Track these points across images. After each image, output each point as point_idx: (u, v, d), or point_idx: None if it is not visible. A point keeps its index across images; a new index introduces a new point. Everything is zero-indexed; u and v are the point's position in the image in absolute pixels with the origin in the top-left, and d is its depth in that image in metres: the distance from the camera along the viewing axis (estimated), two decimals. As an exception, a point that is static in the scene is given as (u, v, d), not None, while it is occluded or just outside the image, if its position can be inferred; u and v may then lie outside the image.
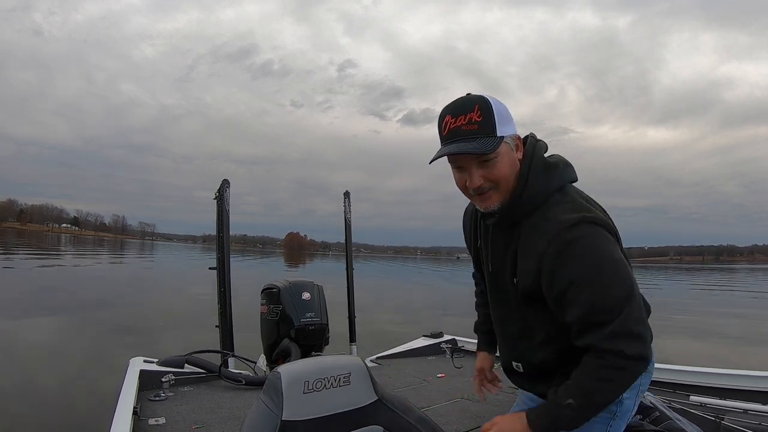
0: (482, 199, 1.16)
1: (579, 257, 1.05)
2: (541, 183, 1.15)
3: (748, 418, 1.89)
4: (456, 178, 1.19)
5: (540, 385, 1.27)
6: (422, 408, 2.49)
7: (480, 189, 1.13)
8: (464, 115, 1.09)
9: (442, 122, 1.13)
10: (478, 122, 1.08)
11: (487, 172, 1.12)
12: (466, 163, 1.12)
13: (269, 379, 1.19)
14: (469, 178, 1.13)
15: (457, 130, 1.09)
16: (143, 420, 2.12)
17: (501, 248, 1.23)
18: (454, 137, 1.10)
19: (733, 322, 12.74)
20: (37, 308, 9.73)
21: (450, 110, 1.12)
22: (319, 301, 3.40)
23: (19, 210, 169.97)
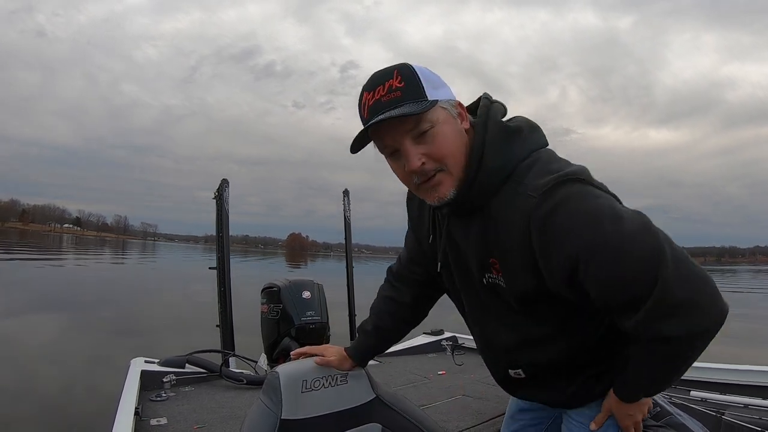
0: (430, 188, 0.90)
1: (572, 223, 0.79)
2: (503, 153, 0.89)
3: (748, 413, 1.88)
4: (393, 169, 0.94)
5: (548, 389, 1.04)
6: (423, 405, 2.50)
7: (423, 172, 0.88)
8: (382, 85, 0.86)
9: (361, 104, 0.90)
10: (400, 88, 0.86)
11: (427, 148, 0.87)
12: (397, 142, 0.87)
13: (268, 378, 1.19)
14: (406, 160, 0.88)
15: (376, 105, 0.86)
16: (145, 420, 2.13)
17: (464, 244, 0.98)
18: (375, 113, 0.86)
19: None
20: (38, 309, 9.75)
21: (366, 87, 0.89)
22: (319, 299, 3.40)
23: (21, 210, 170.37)
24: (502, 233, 0.88)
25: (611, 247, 0.77)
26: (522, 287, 0.90)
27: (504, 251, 0.89)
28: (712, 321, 0.76)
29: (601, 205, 0.80)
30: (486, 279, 0.95)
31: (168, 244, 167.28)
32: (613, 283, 0.78)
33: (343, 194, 4.30)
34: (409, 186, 0.96)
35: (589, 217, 0.79)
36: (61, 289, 13.54)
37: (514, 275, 0.89)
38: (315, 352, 1.24)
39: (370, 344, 1.27)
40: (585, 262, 0.78)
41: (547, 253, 0.82)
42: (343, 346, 1.27)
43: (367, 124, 0.86)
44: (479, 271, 0.96)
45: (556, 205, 0.80)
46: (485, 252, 0.93)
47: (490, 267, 0.93)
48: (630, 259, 0.76)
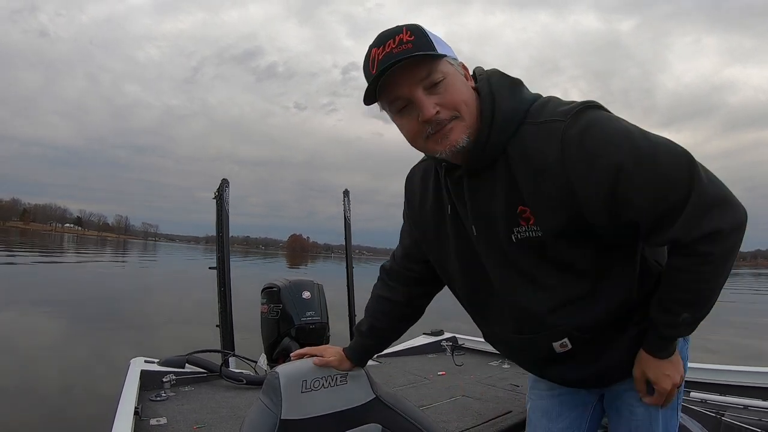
0: (443, 136, 0.87)
1: (607, 143, 0.80)
2: (515, 96, 0.91)
3: (748, 415, 1.88)
4: (401, 125, 0.92)
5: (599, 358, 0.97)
6: (423, 406, 2.50)
7: (438, 120, 0.86)
8: (392, 39, 0.85)
9: (369, 60, 0.87)
10: (411, 41, 0.85)
11: (440, 98, 0.86)
12: (410, 92, 0.86)
13: (268, 378, 1.20)
14: (420, 109, 0.86)
15: (388, 56, 0.84)
16: (144, 420, 2.13)
17: (486, 203, 0.93)
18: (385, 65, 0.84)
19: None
20: (38, 309, 9.76)
21: (374, 44, 0.87)
22: (319, 299, 3.40)
23: (22, 209, 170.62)
24: (529, 171, 0.86)
25: (648, 156, 0.79)
26: (558, 224, 0.86)
27: (534, 191, 0.86)
28: (743, 214, 0.82)
29: (628, 124, 0.84)
30: (515, 235, 0.90)
31: (169, 244, 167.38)
32: (653, 191, 0.79)
33: (344, 195, 4.31)
34: (417, 143, 0.92)
35: (622, 131, 0.81)
36: (61, 288, 13.55)
37: (548, 213, 0.86)
38: (314, 353, 1.24)
39: (367, 345, 1.27)
40: (627, 171, 0.78)
41: (584, 169, 0.81)
42: (342, 347, 1.27)
43: (381, 70, 0.84)
44: (507, 227, 0.91)
45: (587, 124, 0.82)
46: (512, 201, 0.89)
47: (518, 218, 0.89)
48: (667, 166, 0.79)
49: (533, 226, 0.88)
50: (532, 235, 0.88)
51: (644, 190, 0.79)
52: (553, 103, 0.88)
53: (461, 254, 1.03)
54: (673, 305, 0.87)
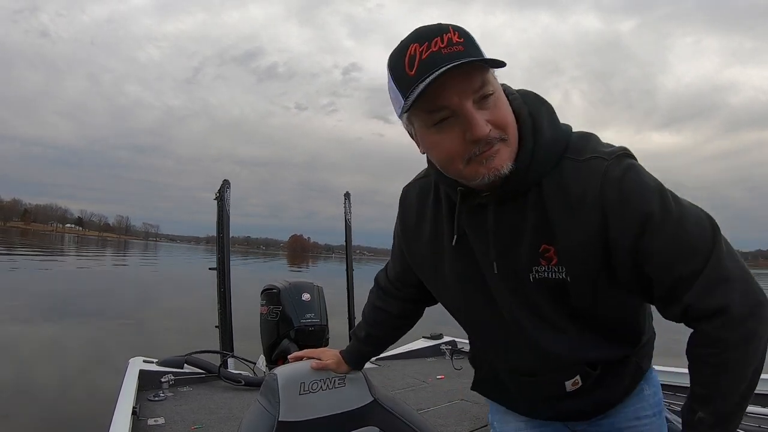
0: (488, 158, 0.76)
1: (643, 191, 0.76)
2: (555, 126, 0.83)
3: (747, 421, 1.88)
4: (437, 142, 0.78)
5: (604, 388, 0.93)
6: (422, 409, 2.50)
7: (489, 140, 0.75)
8: (439, 37, 0.72)
9: (405, 57, 0.74)
10: (461, 43, 0.72)
11: (490, 114, 0.75)
12: (458, 102, 0.73)
13: (266, 380, 1.19)
14: (470, 126, 0.73)
15: (435, 56, 0.71)
16: (142, 420, 2.13)
17: (511, 234, 0.84)
18: (435, 66, 0.71)
19: None
20: (38, 309, 9.76)
21: (412, 39, 0.74)
22: (319, 302, 3.40)
23: (23, 210, 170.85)
24: (565, 206, 0.79)
25: (677, 213, 0.76)
26: (584, 265, 0.80)
27: (566, 228, 0.80)
28: (762, 298, 0.74)
29: (659, 181, 0.79)
30: (534, 274, 0.83)
31: (169, 244, 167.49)
32: (674, 249, 0.75)
33: (344, 197, 4.32)
34: (454, 164, 0.78)
35: (657, 185, 0.78)
36: (61, 288, 13.56)
37: (576, 252, 0.80)
38: (312, 356, 1.23)
39: (363, 350, 1.25)
40: (655, 223, 0.75)
41: (618, 209, 0.76)
42: (340, 350, 1.27)
43: (434, 72, 0.70)
44: (527, 265, 0.83)
45: (628, 167, 0.77)
46: (537, 238, 0.82)
47: (539, 257, 0.82)
48: (692, 229, 0.76)
49: (555, 266, 0.82)
50: (553, 276, 0.82)
51: (666, 247, 0.75)
52: (594, 141, 0.83)
53: (468, 289, 0.94)
54: (692, 402, 0.79)
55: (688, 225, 0.75)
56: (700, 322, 0.75)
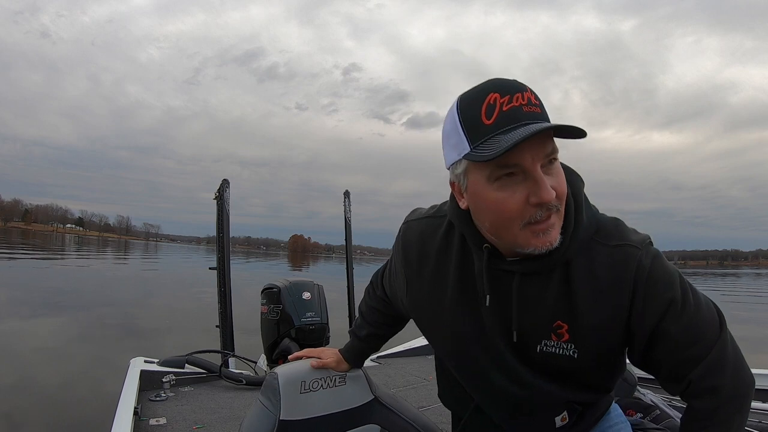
0: (545, 230, 0.76)
1: (668, 280, 0.81)
2: (589, 209, 0.85)
3: (748, 416, 1.88)
4: (500, 200, 0.75)
5: (592, 417, 1.00)
6: (422, 407, 2.50)
7: (551, 206, 0.75)
8: (520, 93, 0.73)
9: (484, 103, 0.73)
10: (538, 105, 0.74)
11: (553, 180, 0.75)
12: (530, 163, 0.72)
13: (267, 379, 1.19)
14: (539, 188, 0.73)
15: (516, 111, 0.72)
16: (144, 420, 2.13)
17: (530, 305, 0.85)
18: (516, 121, 0.71)
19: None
20: (39, 308, 9.76)
21: (493, 88, 0.74)
22: (319, 300, 3.40)
23: (24, 210, 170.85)
24: (592, 288, 0.82)
25: (693, 303, 0.82)
26: (596, 343, 0.84)
27: (584, 310, 0.82)
28: (751, 383, 0.84)
29: (678, 270, 0.86)
30: (541, 347, 0.86)
31: (170, 244, 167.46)
32: (688, 334, 0.81)
33: (344, 195, 4.32)
34: (511, 224, 0.77)
35: (678, 275, 0.83)
36: (61, 288, 13.57)
37: (587, 334, 0.83)
38: (312, 355, 1.25)
39: (363, 347, 1.27)
40: (675, 308, 0.80)
41: (644, 295, 0.80)
42: (339, 348, 1.28)
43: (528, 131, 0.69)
44: (537, 337, 0.86)
45: (656, 256, 0.82)
46: (554, 313, 0.84)
47: (551, 333, 0.85)
48: (705, 317, 0.82)
49: (564, 343, 0.84)
50: (560, 352, 0.85)
51: (682, 332, 0.81)
52: (622, 227, 0.86)
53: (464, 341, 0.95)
54: None
55: (702, 313, 0.82)
56: (696, 399, 0.82)
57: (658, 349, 0.82)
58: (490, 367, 0.93)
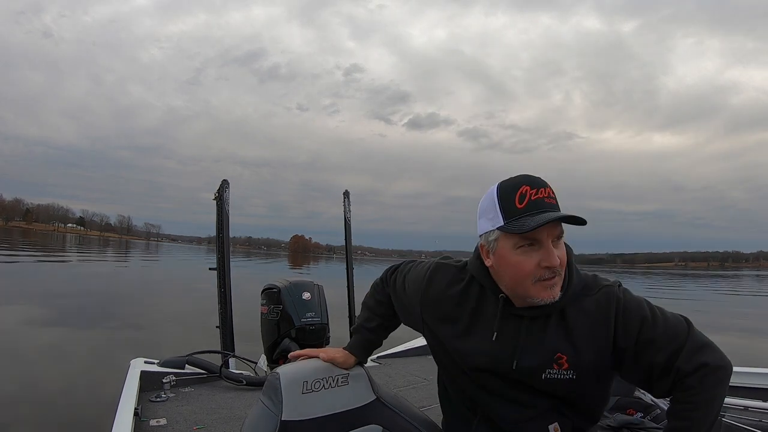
0: (550, 286, 1.04)
1: (637, 305, 1.08)
2: (578, 271, 1.13)
3: (748, 416, 1.87)
4: (519, 262, 1.04)
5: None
6: (424, 407, 2.49)
7: (555, 270, 1.03)
8: (543, 188, 1.03)
9: (517, 192, 1.03)
10: (554, 198, 1.05)
11: (559, 252, 1.04)
12: (545, 238, 1.02)
13: (268, 379, 1.19)
14: (547, 255, 1.02)
15: (541, 202, 1.02)
16: (144, 421, 2.13)
17: (536, 343, 1.10)
18: (539, 208, 1.01)
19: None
20: (39, 308, 9.77)
21: (524, 181, 1.04)
22: (319, 301, 3.40)
23: (25, 209, 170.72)
24: (587, 324, 1.08)
25: (660, 315, 1.06)
26: (592, 366, 1.07)
27: (578, 342, 1.07)
28: (727, 360, 1.03)
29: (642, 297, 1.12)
30: (546, 375, 1.08)
31: (171, 244, 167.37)
32: (666, 335, 1.03)
33: (344, 196, 4.31)
34: (525, 280, 1.04)
35: (644, 301, 1.10)
36: (62, 288, 13.58)
37: (588, 357, 1.07)
38: (313, 354, 1.27)
39: (371, 339, 1.36)
40: (648, 323, 1.04)
41: (624, 320, 1.05)
42: (343, 347, 1.30)
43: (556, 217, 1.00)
44: (541, 367, 1.09)
45: (626, 292, 1.10)
46: (554, 348, 1.08)
47: (553, 363, 1.08)
48: (672, 321, 1.06)
49: (565, 370, 1.08)
50: (562, 377, 1.08)
51: (659, 335, 1.03)
52: (599, 279, 1.14)
53: (485, 367, 1.15)
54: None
55: (669, 319, 1.06)
56: (687, 378, 1.00)
57: (646, 355, 1.04)
58: (488, 387, 1.16)
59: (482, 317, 1.15)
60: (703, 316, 13.70)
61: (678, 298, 21.99)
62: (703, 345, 1.03)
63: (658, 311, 1.07)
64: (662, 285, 36.99)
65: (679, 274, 77.64)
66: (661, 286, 34.74)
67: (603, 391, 1.16)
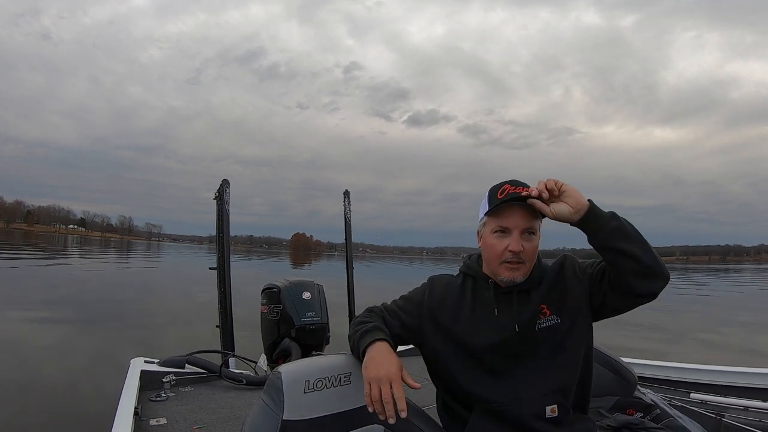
0: (511, 269, 1.26)
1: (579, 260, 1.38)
2: (541, 260, 1.38)
3: (748, 416, 1.87)
4: (492, 244, 1.28)
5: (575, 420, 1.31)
6: (424, 406, 2.49)
7: (516, 256, 1.24)
8: (523, 187, 1.23)
9: (500, 189, 1.26)
10: (533, 197, 1.22)
11: (527, 244, 1.25)
12: (514, 228, 1.24)
13: (270, 378, 1.19)
14: (513, 242, 1.24)
15: (517, 195, 1.22)
16: (144, 420, 2.13)
17: (524, 307, 1.31)
18: (515, 200, 1.23)
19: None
20: (39, 308, 9.77)
21: (509, 182, 1.27)
22: (319, 300, 3.40)
23: (26, 211, 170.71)
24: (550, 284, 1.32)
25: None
26: (567, 310, 1.30)
27: (551, 293, 1.31)
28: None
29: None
30: (538, 325, 1.29)
31: (173, 244, 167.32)
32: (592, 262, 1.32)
33: (344, 195, 4.32)
34: (493, 261, 1.29)
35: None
36: (62, 288, 13.59)
37: (559, 303, 1.30)
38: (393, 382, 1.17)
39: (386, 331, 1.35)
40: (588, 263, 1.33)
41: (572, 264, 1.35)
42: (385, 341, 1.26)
43: (517, 197, 1.22)
44: (531, 320, 1.29)
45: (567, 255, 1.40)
46: (537, 304, 1.30)
47: (539, 313, 1.29)
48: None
49: (549, 316, 1.29)
50: (549, 323, 1.29)
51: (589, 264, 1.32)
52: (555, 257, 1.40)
53: (494, 340, 1.30)
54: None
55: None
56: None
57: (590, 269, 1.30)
58: (500, 355, 1.29)
59: (481, 302, 1.35)
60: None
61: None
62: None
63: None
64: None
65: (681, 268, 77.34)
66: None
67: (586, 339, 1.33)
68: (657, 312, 12.25)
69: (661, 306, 13.31)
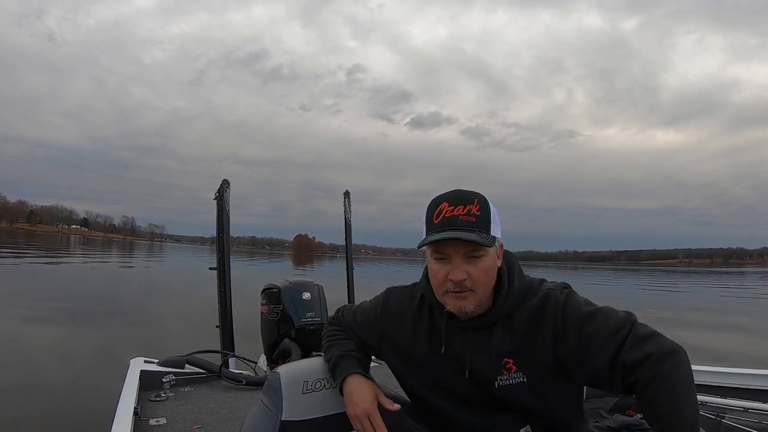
0: (457, 298, 1.08)
1: (577, 304, 1.09)
2: (523, 279, 1.16)
3: (748, 417, 1.87)
4: (433, 271, 1.10)
5: None
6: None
7: (460, 285, 1.06)
8: (464, 206, 1.06)
9: (436, 209, 1.08)
10: (477, 216, 1.05)
11: (472, 270, 1.06)
12: (453, 253, 1.06)
13: (268, 379, 1.20)
14: (453, 270, 1.06)
15: (453, 219, 1.05)
16: (144, 420, 2.13)
17: (484, 351, 1.13)
18: (449, 225, 1.04)
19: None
20: (39, 309, 9.78)
21: (447, 198, 1.08)
22: (319, 300, 3.40)
23: (29, 211, 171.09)
24: (529, 326, 1.10)
25: (602, 311, 1.07)
26: (540, 367, 1.09)
27: (521, 344, 1.10)
28: (674, 344, 1.00)
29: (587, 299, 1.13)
30: (498, 382, 1.11)
31: (175, 245, 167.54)
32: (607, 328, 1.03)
33: (344, 196, 4.32)
34: (437, 289, 1.11)
35: (586, 301, 1.11)
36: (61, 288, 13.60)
37: (531, 361, 1.09)
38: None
39: (363, 357, 1.33)
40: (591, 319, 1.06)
41: (564, 318, 1.07)
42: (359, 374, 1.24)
43: (448, 237, 1.03)
44: (491, 376, 1.11)
45: (568, 294, 1.11)
46: (500, 354, 1.11)
47: (501, 369, 1.11)
48: (614, 314, 1.06)
49: (514, 374, 1.10)
50: (513, 382, 1.10)
51: (599, 328, 1.04)
52: (545, 283, 1.16)
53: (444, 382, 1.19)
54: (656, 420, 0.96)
55: (610, 316, 1.05)
56: (636, 372, 0.98)
57: (589, 352, 1.03)
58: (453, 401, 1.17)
59: (435, 332, 1.19)
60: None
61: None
62: (647, 336, 1.01)
63: (602, 309, 1.08)
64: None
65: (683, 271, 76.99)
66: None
67: (567, 400, 1.14)
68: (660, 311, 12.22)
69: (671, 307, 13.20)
